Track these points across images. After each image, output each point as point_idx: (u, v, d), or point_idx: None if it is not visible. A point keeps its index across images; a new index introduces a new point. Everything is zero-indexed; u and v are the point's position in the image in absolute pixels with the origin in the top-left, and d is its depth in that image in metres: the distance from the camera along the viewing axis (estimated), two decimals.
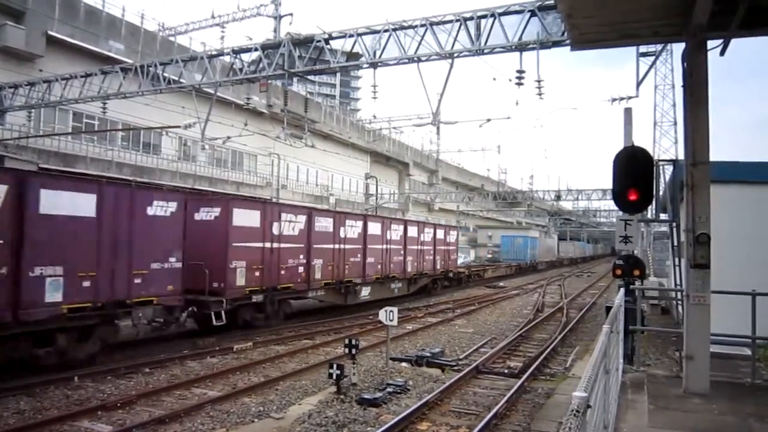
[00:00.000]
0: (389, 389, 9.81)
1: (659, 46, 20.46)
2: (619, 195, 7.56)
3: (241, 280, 15.03)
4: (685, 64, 7.85)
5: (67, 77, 20.04)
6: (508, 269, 45.18)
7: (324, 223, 18.78)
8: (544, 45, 12.26)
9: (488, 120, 31.04)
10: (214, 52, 18.02)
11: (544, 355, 13.11)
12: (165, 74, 18.31)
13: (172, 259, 12.78)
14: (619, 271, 10.32)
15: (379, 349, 13.63)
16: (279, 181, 35.21)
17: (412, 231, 25.58)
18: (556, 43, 12.10)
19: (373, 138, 47.40)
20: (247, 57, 16.92)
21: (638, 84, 17.17)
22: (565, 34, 11.27)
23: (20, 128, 22.34)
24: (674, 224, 14.19)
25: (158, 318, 12.88)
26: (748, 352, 9.06)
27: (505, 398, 9.25)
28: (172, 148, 30.31)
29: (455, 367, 12.04)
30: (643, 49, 18.60)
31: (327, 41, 15.11)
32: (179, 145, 30.85)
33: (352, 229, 20.44)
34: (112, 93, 19.20)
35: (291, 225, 17.14)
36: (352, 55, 15.19)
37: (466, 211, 63.50)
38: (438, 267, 28.39)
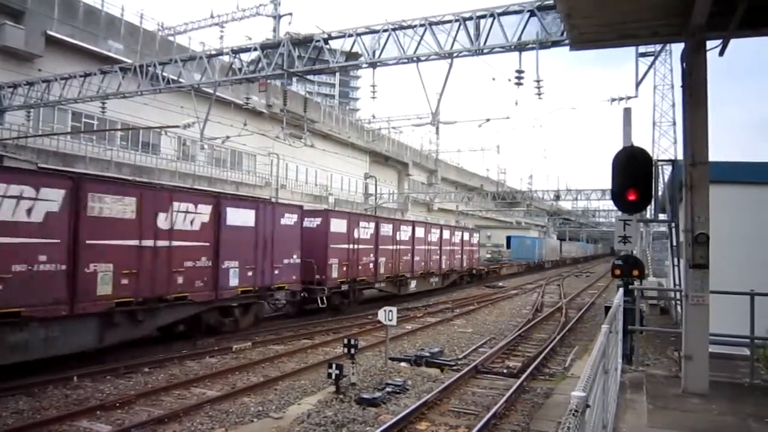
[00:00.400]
0: (388, 389, 9.81)
1: (658, 47, 20.44)
2: (618, 195, 7.58)
3: (335, 274, 19.22)
4: (684, 65, 7.85)
5: (66, 77, 20.01)
6: (519, 267, 49.26)
7: (386, 229, 23.14)
8: (543, 45, 12.25)
9: (487, 120, 30.99)
10: (213, 52, 18.00)
11: (543, 354, 13.11)
12: (164, 74, 18.29)
13: (294, 257, 16.99)
14: (618, 271, 10.30)
15: (379, 348, 13.64)
16: (278, 180, 35.19)
17: (446, 234, 29.89)
18: (556, 43, 12.09)
19: (373, 138, 47.30)
20: (246, 57, 16.91)
21: (637, 84, 17.16)
22: (565, 34, 11.28)
23: (19, 128, 22.29)
24: (673, 224, 14.20)
25: (284, 301, 17.70)
26: (746, 352, 9.07)
27: (504, 398, 9.25)
28: (171, 147, 30.25)
29: (454, 367, 12.03)
30: (642, 49, 18.59)
31: (326, 41, 15.11)
32: (178, 144, 30.80)
33: (404, 233, 24.81)
34: (111, 93, 19.18)
35: (366, 230, 21.40)
36: (351, 55, 15.20)
37: (466, 211, 63.47)
38: (464, 265, 32.86)
